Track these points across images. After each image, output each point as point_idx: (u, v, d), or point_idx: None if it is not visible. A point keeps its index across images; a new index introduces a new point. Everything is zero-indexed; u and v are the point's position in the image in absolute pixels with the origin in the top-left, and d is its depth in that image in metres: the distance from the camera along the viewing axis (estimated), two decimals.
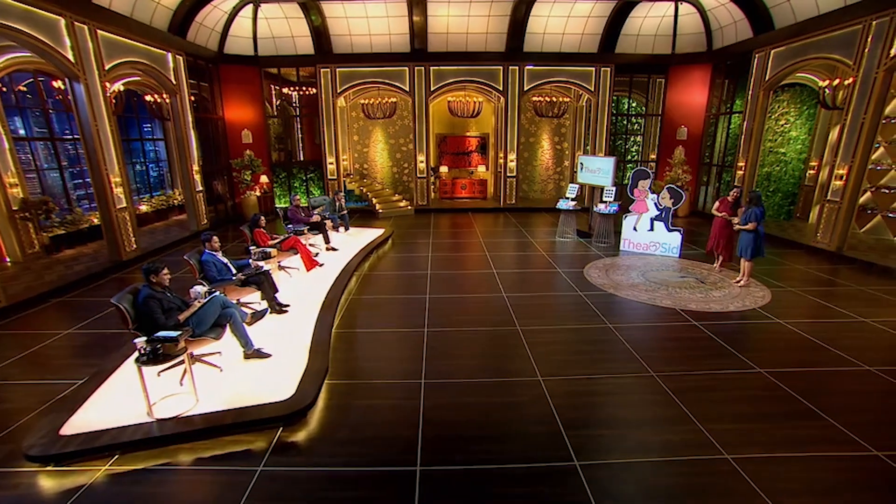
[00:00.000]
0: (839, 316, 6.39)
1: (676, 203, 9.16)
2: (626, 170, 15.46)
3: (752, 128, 11.60)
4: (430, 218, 13.65)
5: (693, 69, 13.55)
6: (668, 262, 9.01)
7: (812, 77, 11.53)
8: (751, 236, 7.24)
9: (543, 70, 13.63)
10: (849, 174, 9.11)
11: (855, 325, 6.11)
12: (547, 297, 7.10)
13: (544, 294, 7.21)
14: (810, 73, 11.33)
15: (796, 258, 9.33)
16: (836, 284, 7.79)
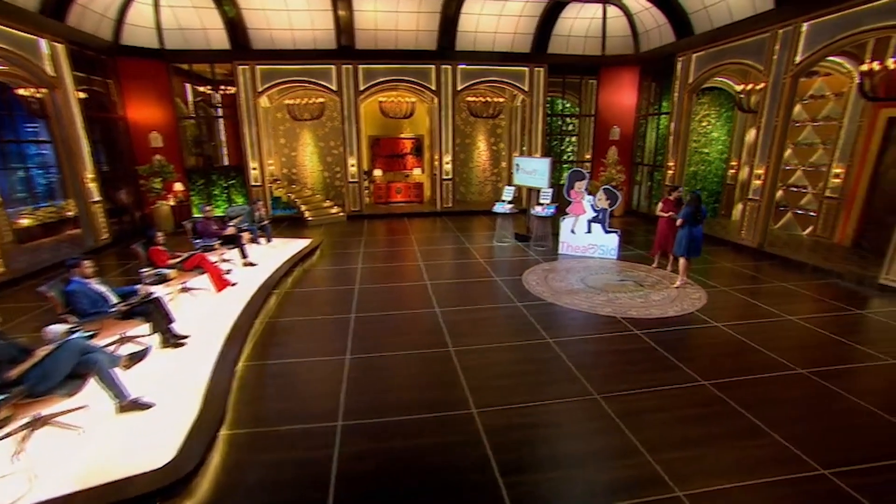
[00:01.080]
0: (768, 315, 6.35)
1: (613, 204, 8.99)
2: (563, 170, 15.41)
3: (679, 129, 11.79)
4: (363, 225, 12.85)
5: (622, 71, 13.67)
6: (607, 264, 8.82)
7: (728, 82, 11.90)
8: (683, 233, 7.17)
9: (477, 69, 13.23)
10: (766, 174, 9.35)
11: (783, 324, 6.07)
12: (483, 310, 6.58)
13: (480, 307, 6.69)
14: (727, 78, 11.66)
15: (725, 255, 9.46)
16: (761, 281, 7.87)
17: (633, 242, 10.66)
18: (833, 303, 6.88)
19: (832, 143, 9.97)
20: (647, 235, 11.40)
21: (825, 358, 5.16)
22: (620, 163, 13.71)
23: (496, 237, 10.68)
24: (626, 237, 11.22)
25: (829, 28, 8.04)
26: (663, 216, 8.10)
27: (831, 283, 7.83)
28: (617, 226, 12.48)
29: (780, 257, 9.02)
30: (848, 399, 4.37)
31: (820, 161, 10.36)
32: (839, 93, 9.91)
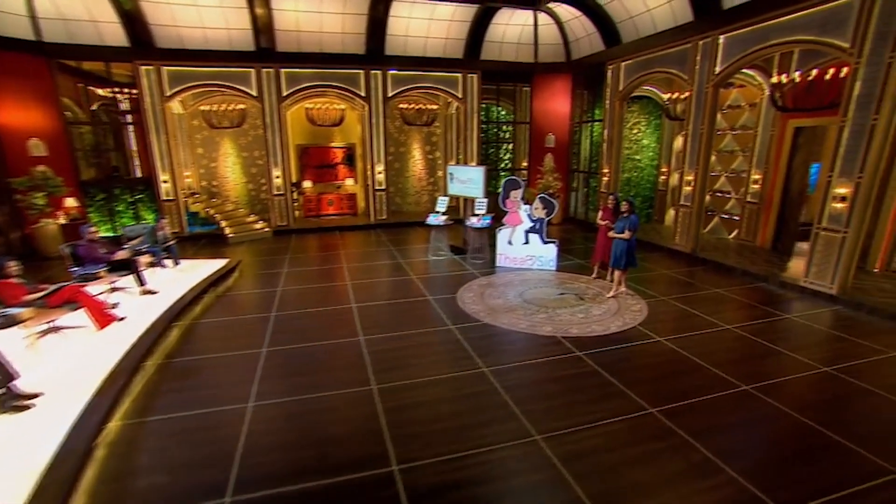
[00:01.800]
0: (707, 325, 6.16)
1: (550, 213, 8.65)
2: (501, 179, 15.13)
3: (612, 136, 11.79)
4: (290, 241, 11.80)
5: (555, 78, 13.60)
6: (546, 276, 8.44)
7: (655, 91, 12.09)
8: (625, 245, 6.90)
9: (408, 75, 12.63)
10: (696, 180, 9.42)
11: (722, 335, 5.88)
12: (412, 336, 5.90)
13: (410, 332, 6.00)
14: (654, 87, 11.82)
15: (661, 262, 9.41)
16: (697, 288, 7.78)
17: (572, 251, 10.43)
18: (764, 308, 6.85)
19: (750, 150, 10.27)
20: (586, 244, 11.25)
21: (765, 370, 4.95)
22: (557, 170, 13.58)
23: (431, 251, 10.07)
24: (565, 246, 11.00)
25: (742, 41, 8.21)
26: (602, 224, 7.88)
27: (759, 286, 7.89)
28: (555, 234, 12.35)
29: (712, 262, 9.07)
30: (793, 417, 4.10)
31: (740, 167, 10.66)
32: (753, 103, 10.24)
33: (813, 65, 8.39)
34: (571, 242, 11.48)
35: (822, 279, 7.20)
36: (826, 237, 7.11)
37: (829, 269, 7.08)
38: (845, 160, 6.80)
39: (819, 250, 7.20)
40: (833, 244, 7.02)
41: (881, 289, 7.34)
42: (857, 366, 5.06)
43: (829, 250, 7.08)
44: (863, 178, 6.62)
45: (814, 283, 7.30)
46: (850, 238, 6.83)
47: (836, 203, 6.95)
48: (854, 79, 6.64)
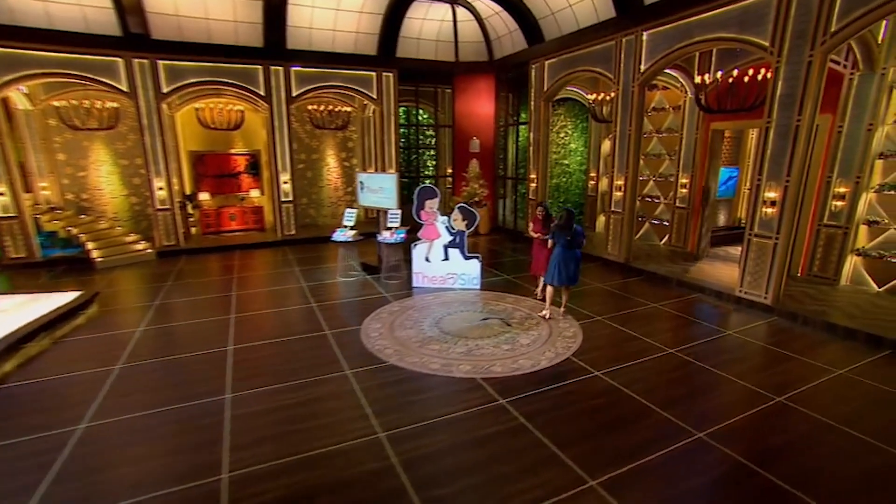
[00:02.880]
0: (648, 350, 5.46)
1: (470, 224, 7.74)
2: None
3: (538, 139, 11.21)
4: (177, 263, 10.02)
5: (478, 78, 12.91)
6: (469, 297, 7.49)
7: (580, 92, 11.70)
8: (556, 257, 6.25)
9: (315, 73, 11.34)
10: (626, 185, 8.96)
11: (665, 361, 5.20)
12: (296, 389, 4.66)
13: (293, 384, 4.76)
14: (579, 88, 11.42)
15: (595, 273, 8.82)
16: (634, 304, 7.18)
17: (500, 265, 9.63)
18: (704, 324, 6.32)
19: (676, 153, 10.04)
20: (516, 255, 10.51)
21: (718, 406, 4.26)
22: (483, 176, 12.86)
23: (340, 271, 8.82)
24: (493, 259, 10.20)
25: (666, 38, 7.84)
26: (535, 237, 7.21)
27: (695, 298, 7.44)
28: (483, 246, 11.57)
29: (647, 272, 8.59)
30: (762, 477, 3.36)
31: (668, 171, 10.43)
32: (677, 106, 10.06)
33: (734, 65, 8.18)
34: (500, 255, 10.70)
35: (756, 289, 6.83)
36: (758, 244, 6.75)
37: (763, 277, 6.72)
38: (773, 162, 6.47)
39: (752, 258, 6.83)
40: (765, 251, 6.66)
41: (809, 295, 7.11)
42: (809, 392, 4.51)
43: (761, 258, 6.72)
44: (790, 181, 6.29)
45: (749, 293, 6.93)
46: (782, 244, 6.49)
47: (766, 208, 6.60)
48: (776, 78, 6.33)
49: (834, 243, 7.61)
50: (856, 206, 7.34)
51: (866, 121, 7.13)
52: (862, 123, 7.17)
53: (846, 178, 7.40)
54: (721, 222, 11.72)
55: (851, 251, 7.52)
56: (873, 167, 7.24)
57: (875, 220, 7.28)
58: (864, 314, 6.31)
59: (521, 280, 8.41)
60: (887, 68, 6.91)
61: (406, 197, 10.82)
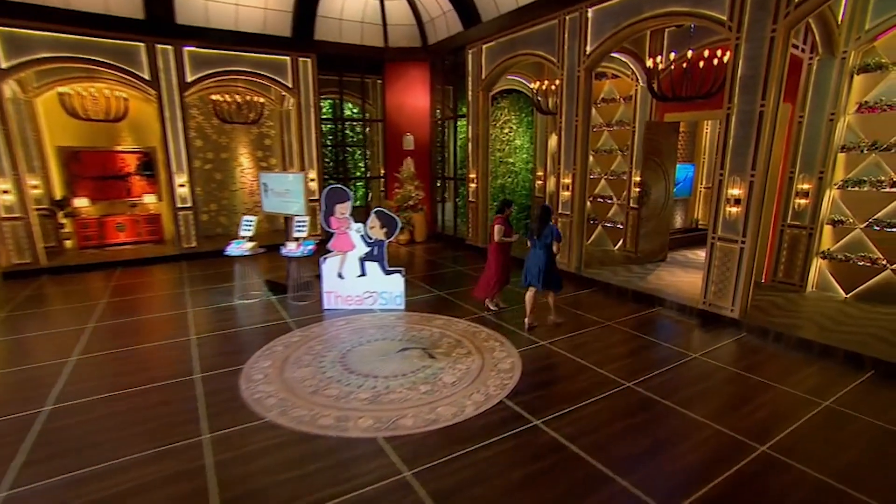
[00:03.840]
0: (602, 385, 4.61)
1: (391, 232, 6.69)
2: (357, 190, 13.07)
3: (477, 134, 10.36)
4: (28, 287, 8.32)
5: (411, 67, 11.95)
6: (389, 321, 6.43)
7: (523, 81, 10.99)
8: (554, 261, 5.99)
9: (216, 55, 9.98)
10: (574, 184, 8.22)
11: (624, 400, 4.35)
12: (117, 474, 3.41)
13: (116, 466, 3.50)
14: (522, 77, 10.68)
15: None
16: (585, 323, 6.38)
17: (434, 279, 8.64)
18: (666, 346, 5.57)
19: (628, 149, 9.46)
20: (455, 266, 9.57)
21: (691, 469, 3.40)
22: (419, 177, 11.87)
23: (238, 291, 7.51)
24: (427, 270, 9.21)
25: (613, 15, 7.20)
26: (506, 241, 6.53)
27: (654, 313, 6.74)
28: (420, 256, 10.55)
29: (601, 283, 7.85)
30: None
31: (620, 169, 9.85)
32: (628, 96, 9.50)
33: (689, 46, 7.62)
34: (436, 266, 9.72)
35: (722, 300, 6.18)
36: (723, 249, 6.11)
37: (729, 286, 6.08)
38: (736, 155, 5.85)
39: (716, 265, 6.18)
40: (731, 257, 6.03)
41: (777, 305, 6.57)
42: (796, 434, 3.76)
43: (727, 264, 6.08)
44: (755, 175, 5.68)
45: (714, 305, 6.28)
46: (748, 248, 5.86)
47: (730, 207, 5.97)
48: (736, 57, 5.72)
49: (799, 245, 7.16)
50: (820, 204, 6.91)
51: (827, 110, 6.71)
52: (823, 113, 6.75)
53: (809, 173, 6.97)
54: (678, 223, 11.30)
55: (817, 254, 7.09)
56: (836, 161, 6.84)
57: (840, 219, 6.87)
58: (836, 326, 5.79)
59: (456, 296, 7.45)
60: (848, 52, 6.50)
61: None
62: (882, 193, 6.46)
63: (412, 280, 8.34)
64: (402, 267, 6.92)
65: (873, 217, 6.54)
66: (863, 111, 6.55)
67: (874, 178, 6.49)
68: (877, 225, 6.51)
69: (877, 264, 6.53)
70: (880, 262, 6.51)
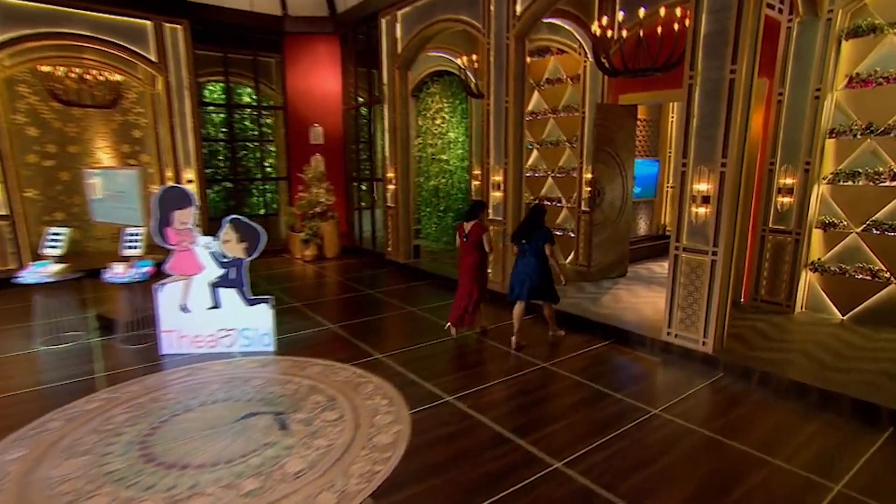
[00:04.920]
0: (523, 468, 3.50)
1: (253, 247, 5.42)
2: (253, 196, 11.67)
3: (396, 123, 9.27)
4: None
5: (317, 42, 10.81)
6: (245, 371, 5.14)
7: (449, 58, 10.02)
8: (547, 269, 5.59)
9: (37, 9, 8.38)
10: (506, 182, 7.21)
11: (552, 494, 3.20)
12: None
13: None
14: (448, 53, 9.69)
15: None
16: (514, 365, 5.33)
17: (336, 308, 7.46)
18: (618, 399, 4.53)
19: (578, 140, 8.58)
20: (367, 288, 8.39)
21: None
22: (329, 178, 10.65)
23: (41, 332, 5.98)
24: (329, 294, 7.97)
25: None
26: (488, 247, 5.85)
27: (607, 347, 5.76)
28: (326, 275, 9.33)
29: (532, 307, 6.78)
30: None
31: (570, 164, 8.96)
32: (575, 76, 8.65)
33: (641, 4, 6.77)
34: (345, 289, 8.54)
35: (691, 330, 5.24)
36: (689, 262, 5.18)
37: (699, 312, 5.15)
38: (701, 139, 4.96)
39: (682, 283, 5.24)
40: (700, 273, 5.10)
41: (760, 333, 5.73)
42: None
43: (695, 283, 5.15)
44: (728, 164, 4.79)
45: (681, 336, 5.33)
46: (722, 260, 4.95)
47: (697, 207, 5.05)
48: (698, 9, 4.86)
49: (783, 255, 6.41)
50: (807, 202, 6.16)
51: (812, 85, 6.00)
52: (806, 89, 6.03)
53: (792, 164, 6.23)
54: (642, 230, 10.52)
55: (805, 265, 6.33)
56: (824, 149, 6.13)
57: (831, 221, 6.14)
58: (836, 360, 4.95)
59: (354, 331, 6.25)
60: (834, 11, 5.82)
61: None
62: (880, 189, 5.76)
63: (300, 309, 7.09)
64: (278, 292, 5.64)
65: (871, 218, 5.83)
66: (854, 85, 5.86)
67: (870, 170, 5.79)
68: (876, 228, 5.80)
69: (878, 277, 5.80)
70: (882, 274, 5.78)
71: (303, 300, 7.52)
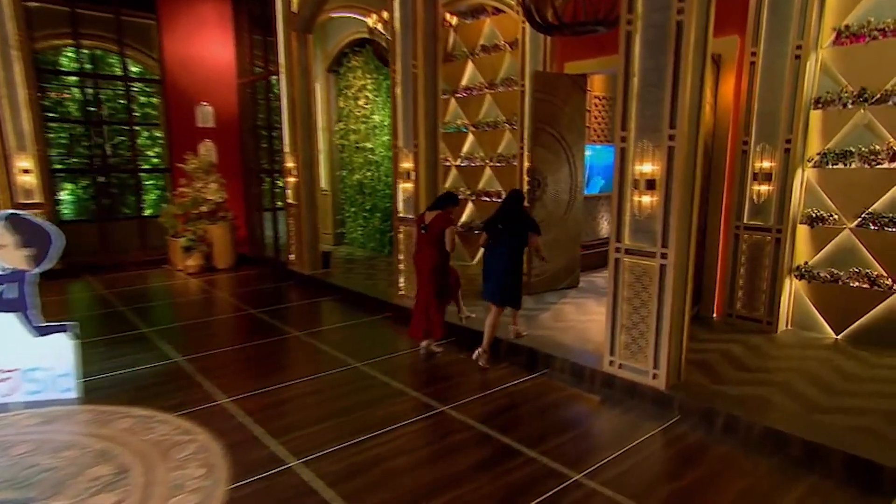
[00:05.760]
0: None
1: (42, 256, 4.42)
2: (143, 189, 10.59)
3: (294, 99, 8.38)
4: None
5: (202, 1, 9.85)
6: (10, 434, 4.12)
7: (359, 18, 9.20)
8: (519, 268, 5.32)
9: None
10: (418, 171, 6.41)
11: None
12: None
13: None
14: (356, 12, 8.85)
15: (366, 338, 6.29)
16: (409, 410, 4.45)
17: (199, 333, 6.53)
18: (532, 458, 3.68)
19: (518, 120, 7.84)
20: (265, 305, 7.50)
21: None
22: (222, 169, 9.71)
23: None
24: (200, 316, 7.01)
25: None
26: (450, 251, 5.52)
27: (536, 381, 4.98)
28: (216, 291, 8.36)
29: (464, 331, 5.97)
30: None
31: (510, 151, 8.27)
32: (514, 41, 7.94)
33: None
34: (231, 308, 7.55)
35: (637, 358, 4.47)
36: (633, 267, 4.41)
37: (648, 334, 4.36)
38: (642, 104, 4.21)
39: (625, 296, 4.47)
40: (647, 281, 4.32)
41: (732, 359, 5.06)
42: None
43: (640, 295, 4.38)
44: (676, 136, 4.02)
45: (625, 365, 4.55)
46: (674, 264, 4.16)
47: (640, 195, 4.30)
48: None
49: (761, 258, 5.76)
50: (788, 191, 5.50)
51: (791, 42, 5.36)
52: (785, 47, 5.40)
53: (770, 143, 5.59)
54: (604, 231, 9.82)
55: (790, 271, 5.68)
56: (808, 123, 5.50)
57: (819, 214, 5.52)
58: (828, 398, 4.24)
59: (203, 365, 5.29)
60: None
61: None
62: (877, 172, 5.15)
63: (147, 337, 6.12)
64: (128, 314, 4.62)
65: (868, 210, 5.20)
66: (842, 41, 5.25)
67: (865, 148, 5.17)
68: (873, 222, 5.17)
69: (878, 285, 5.15)
70: (882, 281, 5.13)
71: (155, 325, 6.55)
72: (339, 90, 11.37)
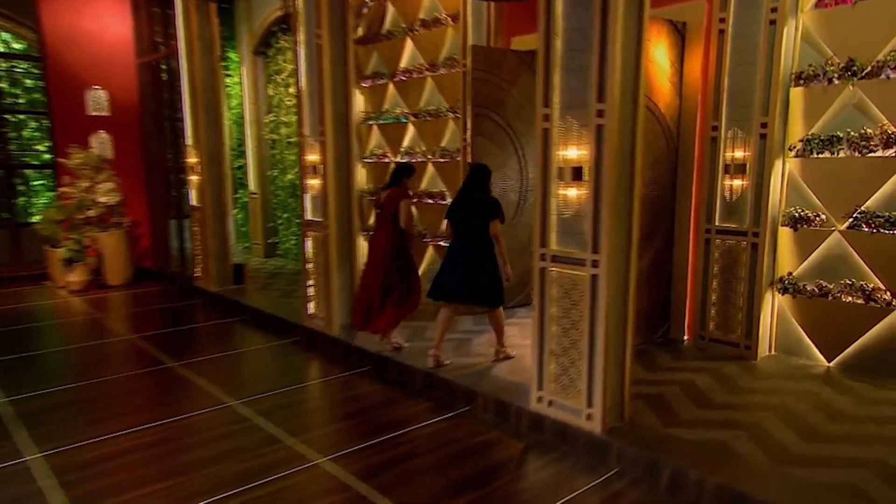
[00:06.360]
0: None
1: None
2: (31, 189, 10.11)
3: (195, 81, 7.97)
4: None
5: None
6: None
7: None
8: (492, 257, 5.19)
9: None
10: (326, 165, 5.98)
11: None
12: None
13: None
14: None
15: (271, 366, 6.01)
16: (274, 462, 3.97)
17: (62, 366, 5.97)
18: None
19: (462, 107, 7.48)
20: (151, 329, 7.08)
21: None
22: (115, 166, 9.23)
23: None
24: (70, 342, 6.46)
25: None
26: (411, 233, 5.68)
27: (458, 422, 4.58)
28: (97, 313, 7.98)
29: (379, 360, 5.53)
30: None
31: (455, 144, 7.93)
32: (456, 14, 7.61)
33: None
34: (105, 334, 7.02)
35: (569, 394, 4.01)
36: (560, 279, 3.95)
37: (580, 363, 3.88)
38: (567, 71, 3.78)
39: (554, 314, 4.01)
40: (577, 297, 3.85)
41: (694, 393, 4.65)
42: None
43: (570, 314, 3.93)
44: (607, 111, 3.56)
45: (556, 402, 4.08)
46: (607, 274, 3.69)
47: (565, 188, 3.85)
48: None
49: (737, 268, 5.40)
50: (766, 186, 5.13)
51: (766, 5, 5.02)
52: (759, 11, 5.09)
53: (743, 129, 5.25)
54: None
55: (770, 283, 5.29)
56: (788, 103, 5.16)
57: (803, 213, 5.16)
58: (807, 444, 3.80)
59: (27, 409, 4.74)
60: None
61: None
62: (869, 161, 4.78)
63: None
64: None
65: (860, 208, 4.81)
66: (826, 3, 4.98)
67: (855, 133, 4.80)
68: (867, 223, 4.78)
69: (874, 300, 4.75)
70: (880, 295, 4.72)
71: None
72: (268, 76, 11.14)
